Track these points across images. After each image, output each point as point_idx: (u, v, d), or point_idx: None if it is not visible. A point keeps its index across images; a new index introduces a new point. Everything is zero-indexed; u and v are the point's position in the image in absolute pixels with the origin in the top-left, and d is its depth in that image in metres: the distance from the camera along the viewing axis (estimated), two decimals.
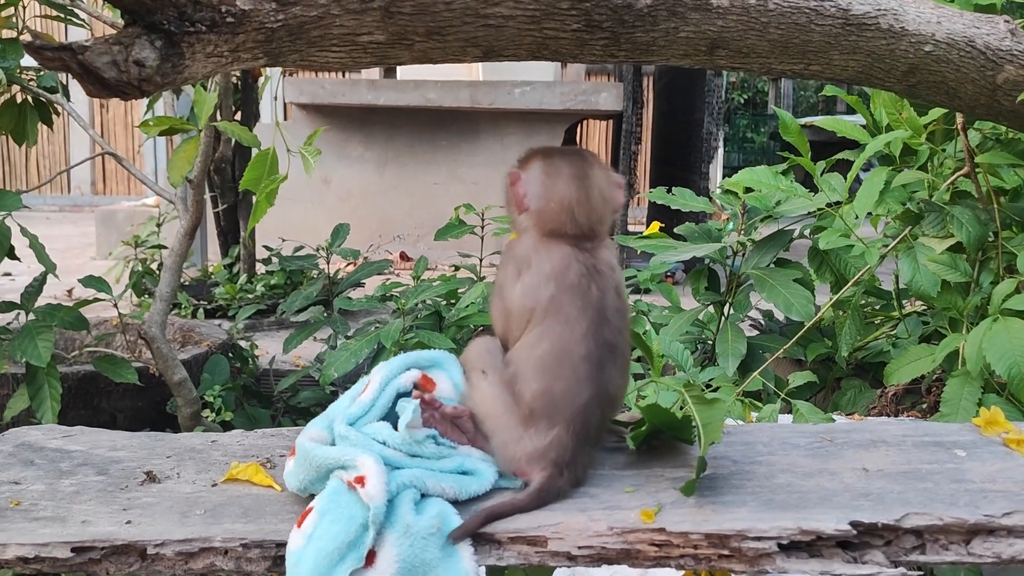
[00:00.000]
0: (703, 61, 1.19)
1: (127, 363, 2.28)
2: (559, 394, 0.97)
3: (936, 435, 1.12)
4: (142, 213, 6.22)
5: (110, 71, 0.87)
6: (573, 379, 0.97)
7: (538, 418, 0.96)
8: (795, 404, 1.50)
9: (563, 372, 0.97)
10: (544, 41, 1.07)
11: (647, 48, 1.13)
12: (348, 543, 0.86)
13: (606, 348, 0.99)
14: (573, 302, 0.98)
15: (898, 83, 1.28)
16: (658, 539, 0.90)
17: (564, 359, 0.97)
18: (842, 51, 1.22)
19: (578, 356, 0.97)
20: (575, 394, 0.97)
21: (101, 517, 0.94)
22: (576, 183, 1.03)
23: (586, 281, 0.99)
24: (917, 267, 1.47)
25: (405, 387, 1.03)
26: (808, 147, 1.66)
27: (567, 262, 1.00)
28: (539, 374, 0.97)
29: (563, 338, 0.97)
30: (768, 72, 1.25)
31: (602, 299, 1.00)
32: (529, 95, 5.63)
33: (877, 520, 0.90)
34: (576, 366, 0.97)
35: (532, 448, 0.96)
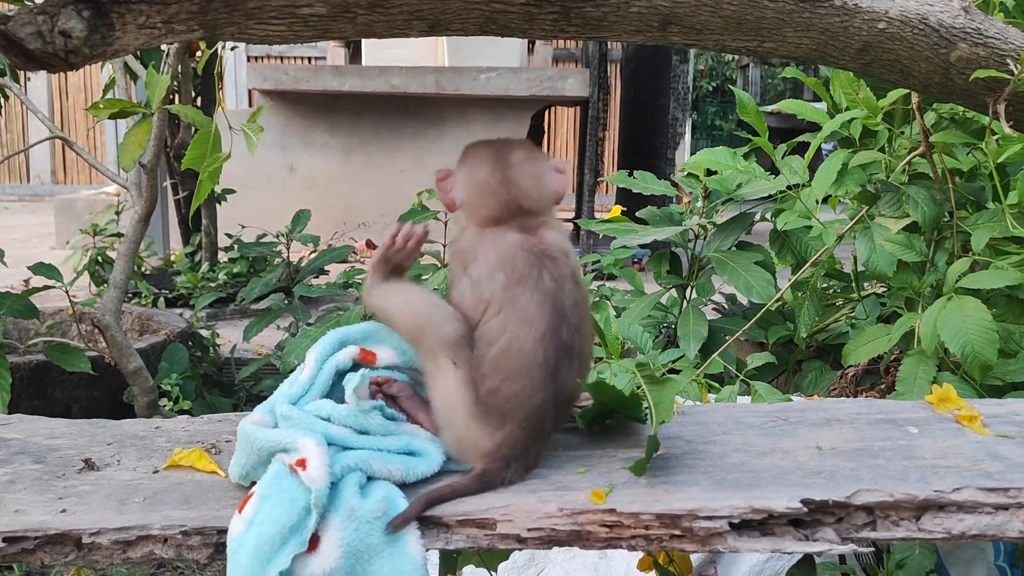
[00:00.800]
0: (656, 37, 1.18)
1: (80, 352, 2.23)
2: (512, 395, 0.94)
3: (890, 413, 1.12)
4: (102, 202, 6.10)
5: (34, 42, 0.83)
6: (527, 382, 0.94)
7: (491, 415, 0.94)
8: (754, 385, 1.50)
9: (518, 374, 0.94)
10: (492, 15, 1.05)
11: (598, 23, 1.11)
12: (290, 527, 0.84)
13: (563, 351, 0.96)
14: (529, 296, 0.95)
15: (852, 61, 1.28)
16: (608, 520, 0.89)
17: (519, 361, 0.94)
18: (796, 28, 1.21)
19: (534, 362, 0.94)
20: (527, 397, 0.94)
21: (35, 506, 0.91)
22: (493, 165, 1.02)
23: (536, 270, 0.96)
24: (873, 247, 1.47)
25: (344, 363, 1.01)
26: (766, 128, 1.66)
27: (512, 250, 0.97)
28: (493, 371, 0.94)
29: (520, 339, 0.94)
30: (722, 49, 1.24)
31: (558, 292, 0.96)
32: (495, 81, 5.59)
33: (828, 497, 0.90)
34: (531, 370, 0.94)
35: (483, 443, 0.94)
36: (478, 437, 0.94)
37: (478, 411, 0.94)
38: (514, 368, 0.94)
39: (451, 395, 0.95)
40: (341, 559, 0.84)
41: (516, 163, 1.03)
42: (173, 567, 2.26)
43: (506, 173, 1.02)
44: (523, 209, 1.01)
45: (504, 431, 0.94)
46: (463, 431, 0.95)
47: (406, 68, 5.73)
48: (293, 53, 9.10)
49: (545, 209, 1.04)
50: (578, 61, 8.69)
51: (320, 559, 0.84)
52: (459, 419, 0.95)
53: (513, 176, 1.02)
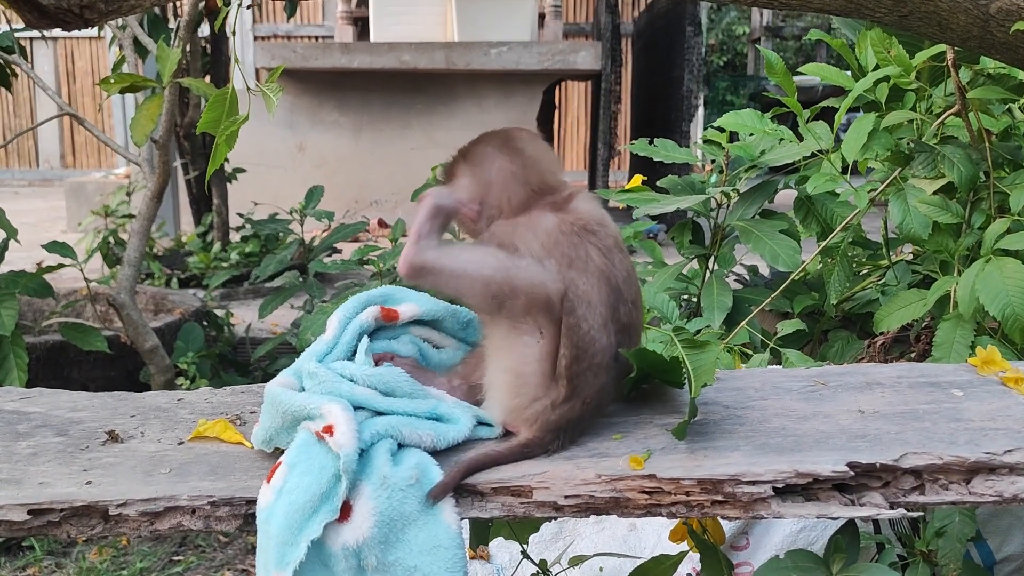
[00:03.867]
0: None
1: (96, 331, 2.21)
2: (580, 374, 0.91)
3: (932, 376, 1.08)
4: (112, 184, 6.09)
5: None
6: (594, 365, 0.92)
7: (558, 389, 0.91)
8: (784, 353, 1.47)
9: (584, 357, 0.91)
10: None
11: None
12: (320, 495, 0.82)
13: (623, 333, 0.94)
14: (585, 279, 0.92)
15: (888, 13, 1.23)
16: (648, 486, 0.86)
17: (585, 345, 0.91)
18: None
19: (599, 345, 0.91)
20: (594, 376, 0.92)
21: (60, 479, 0.88)
22: (506, 152, 0.97)
23: (583, 249, 0.92)
24: (907, 209, 1.43)
25: (368, 323, 0.99)
26: (795, 88, 1.61)
27: (553, 234, 0.93)
28: (566, 348, 0.90)
29: (587, 322, 0.91)
30: (754, 3, 1.19)
31: (610, 267, 0.93)
32: (506, 55, 5.53)
33: (875, 460, 0.87)
34: (596, 354, 0.91)
35: (543, 415, 0.90)
36: (541, 408, 0.90)
37: (549, 384, 0.91)
38: (581, 351, 0.91)
39: (527, 363, 0.91)
40: (375, 528, 0.81)
41: (525, 143, 1.00)
42: (194, 546, 2.25)
43: (523, 155, 0.98)
44: (550, 186, 0.98)
45: (567, 406, 0.91)
46: (527, 399, 0.91)
47: (415, 44, 5.67)
48: (300, 32, 9.03)
49: (563, 182, 1.01)
50: (588, 35, 8.60)
51: (353, 528, 0.81)
52: (528, 388, 0.91)
53: (531, 155, 0.98)
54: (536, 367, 0.91)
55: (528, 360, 0.92)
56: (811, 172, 1.95)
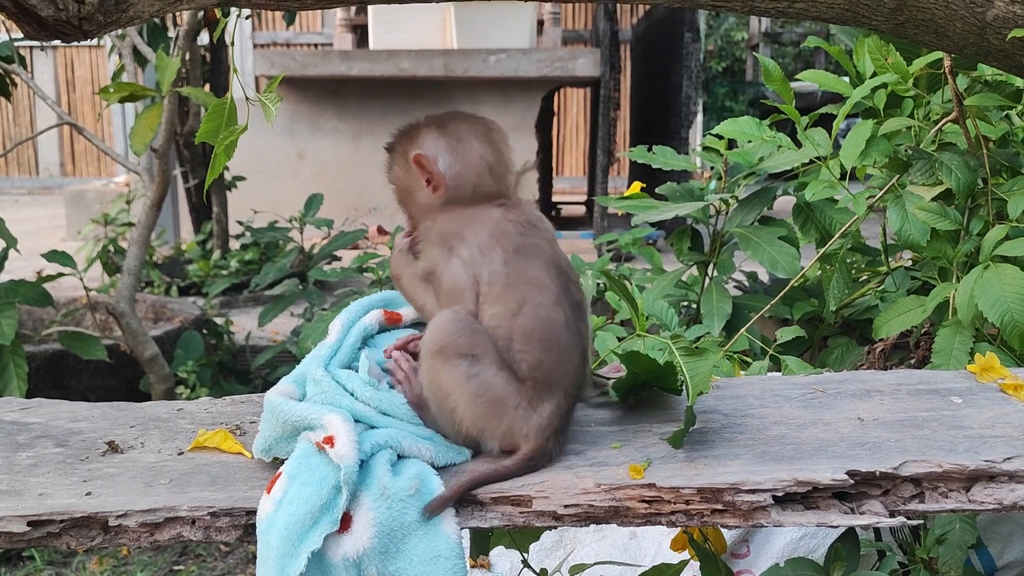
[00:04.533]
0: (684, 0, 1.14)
1: (96, 340, 2.21)
2: (554, 364, 0.91)
3: (931, 383, 1.08)
4: (112, 192, 6.09)
5: (47, 9, 0.80)
6: (562, 347, 0.92)
7: (540, 390, 0.90)
8: (783, 360, 1.47)
9: (552, 342, 0.91)
10: None
11: None
12: (320, 506, 0.82)
13: (576, 309, 0.95)
14: (535, 263, 0.93)
15: (885, 21, 1.23)
16: (648, 495, 0.86)
17: (549, 327, 0.92)
18: None
19: (560, 324, 0.92)
20: (566, 361, 0.92)
21: (59, 489, 0.88)
22: (487, 139, 0.98)
23: (531, 238, 0.95)
24: (906, 216, 1.43)
25: (371, 327, 0.99)
26: (792, 96, 1.62)
27: (502, 224, 0.94)
28: (530, 345, 0.91)
29: (543, 305, 0.92)
30: (751, 11, 1.20)
31: (555, 254, 0.96)
32: (504, 62, 5.54)
33: (875, 469, 0.87)
34: (560, 334, 0.92)
35: (534, 421, 0.90)
36: (527, 417, 0.90)
37: (523, 391, 0.90)
38: (546, 336, 0.91)
39: (497, 386, 0.90)
40: (375, 538, 0.81)
41: (502, 138, 1.00)
42: (195, 555, 2.25)
43: (500, 148, 0.99)
44: (506, 187, 0.99)
45: (552, 403, 0.90)
46: (512, 416, 0.90)
47: (414, 51, 5.68)
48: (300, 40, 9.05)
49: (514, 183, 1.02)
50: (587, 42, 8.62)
51: (353, 539, 0.81)
52: (509, 403, 0.90)
53: (505, 151, 0.99)
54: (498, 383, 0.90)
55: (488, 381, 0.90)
56: (810, 179, 1.96)
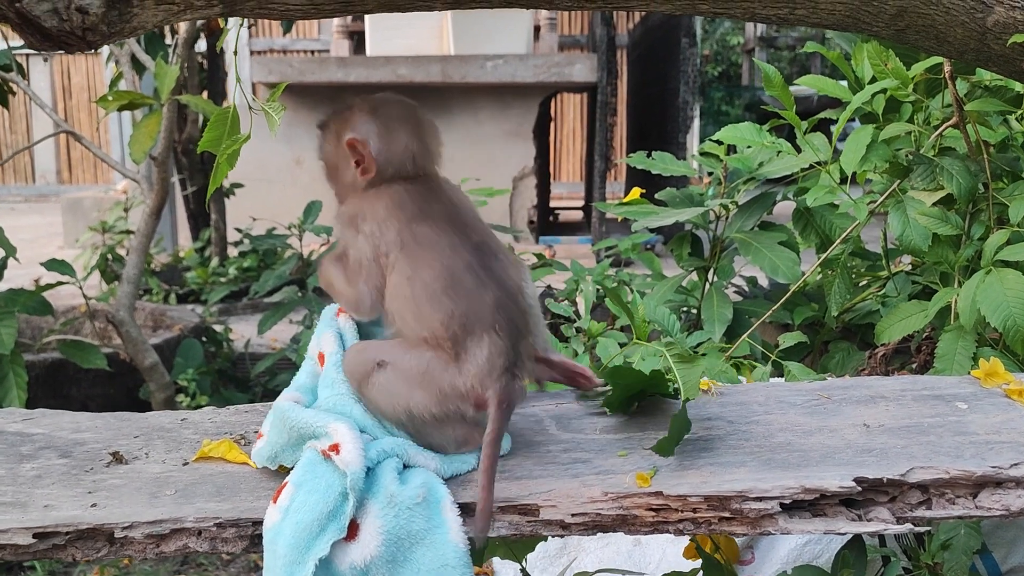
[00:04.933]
0: (685, 6, 1.14)
1: (95, 348, 2.20)
2: (464, 309, 0.91)
3: (936, 388, 1.08)
4: (110, 200, 6.09)
5: (51, 20, 0.80)
6: (468, 289, 0.92)
7: (462, 339, 0.90)
8: (786, 366, 1.47)
9: (453, 288, 0.91)
10: None
11: None
12: (327, 513, 0.81)
13: (480, 249, 0.95)
14: (427, 224, 0.95)
15: (886, 27, 1.23)
16: (655, 503, 0.86)
17: (446, 276, 0.92)
18: None
19: (460, 269, 0.92)
20: (479, 300, 0.91)
21: (65, 501, 0.88)
22: (414, 127, 0.99)
23: (426, 203, 0.96)
24: (907, 221, 1.43)
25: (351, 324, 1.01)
26: (793, 102, 1.62)
27: (398, 195, 0.97)
28: (435, 304, 0.91)
29: (437, 260, 0.93)
30: (751, 17, 1.20)
31: (452, 209, 0.97)
32: (502, 68, 5.55)
33: (882, 475, 0.87)
34: (462, 278, 0.92)
35: (478, 366, 0.89)
36: (467, 365, 0.89)
37: (449, 348, 0.90)
38: (446, 284, 0.91)
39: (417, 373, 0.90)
40: (382, 547, 0.81)
41: (429, 125, 1.02)
42: (196, 564, 2.24)
43: (425, 135, 1.00)
44: (425, 170, 1.00)
45: (482, 345, 0.89)
46: (448, 377, 0.89)
47: (412, 57, 5.68)
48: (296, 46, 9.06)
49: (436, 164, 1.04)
50: (583, 47, 8.64)
51: (360, 547, 0.81)
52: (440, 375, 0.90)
53: (429, 138, 1.01)
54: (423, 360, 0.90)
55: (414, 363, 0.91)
56: (809, 184, 1.96)
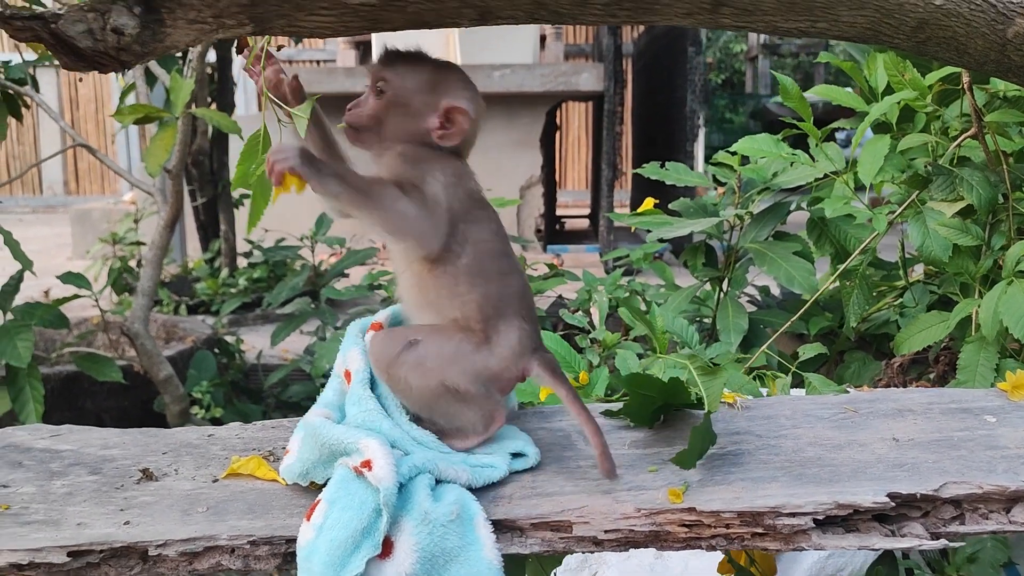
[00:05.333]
0: (706, 20, 1.14)
1: (111, 361, 2.21)
2: (499, 293, 0.96)
3: (962, 401, 1.08)
4: (118, 211, 6.10)
5: (85, 40, 0.81)
6: (503, 274, 0.97)
7: (494, 321, 0.95)
8: (807, 377, 1.46)
9: (491, 272, 0.97)
10: (543, 1, 1.02)
11: (649, 6, 1.08)
12: (361, 530, 0.81)
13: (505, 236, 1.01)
14: (480, 208, 0.98)
15: (907, 39, 1.24)
16: (688, 519, 0.86)
17: (489, 261, 0.97)
18: (850, 6, 1.17)
19: (498, 253, 0.98)
20: (511, 284, 0.98)
21: (97, 518, 0.88)
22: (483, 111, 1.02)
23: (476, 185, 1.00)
24: (927, 232, 1.43)
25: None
26: (810, 112, 1.62)
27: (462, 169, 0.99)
28: (475, 282, 0.95)
29: (484, 240, 0.97)
30: (772, 31, 1.20)
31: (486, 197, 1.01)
32: (509, 78, 5.56)
33: (915, 491, 0.87)
34: (500, 262, 0.98)
35: (510, 348, 0.94)
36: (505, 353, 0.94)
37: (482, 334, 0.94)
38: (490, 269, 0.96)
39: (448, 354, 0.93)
40: (417, 564, 0.81)
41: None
42: None
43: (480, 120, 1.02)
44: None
45: (513, 327, 0.95)
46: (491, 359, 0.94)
47: None
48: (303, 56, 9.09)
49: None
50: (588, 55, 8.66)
51: (395, 564, 0.81)
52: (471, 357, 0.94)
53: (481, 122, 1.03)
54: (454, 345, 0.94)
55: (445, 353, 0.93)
56: (823, 193, 1.96)
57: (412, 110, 0.99)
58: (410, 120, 0.99)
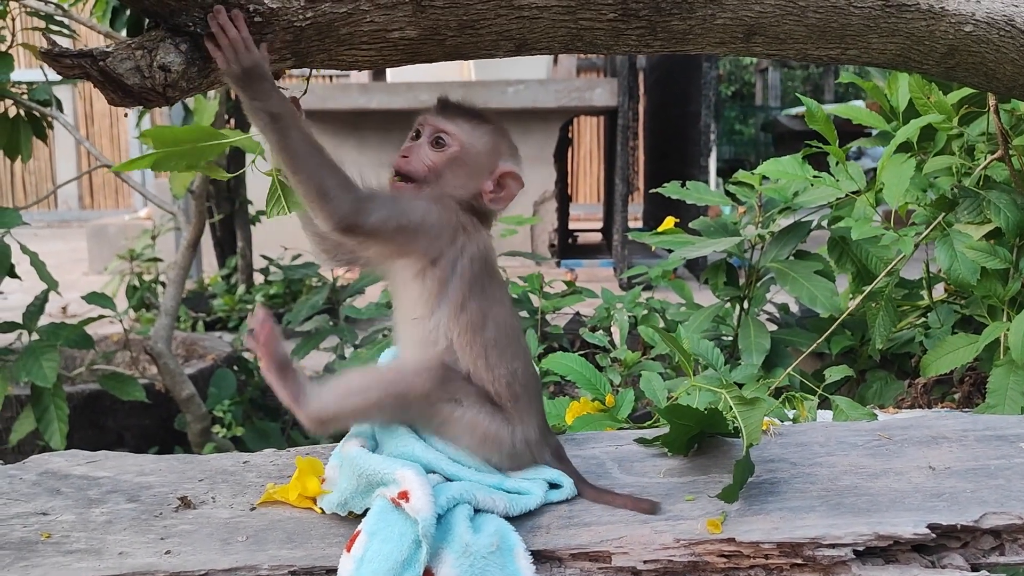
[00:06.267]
0: (738, 48, 1.15)
1: (134, 380, 2.22)
2: (523, 372, 0.98)
3: (997, 428, 1.08)
4: (134, 227, 6.15)
5: (133, 77, 0.82)
6: (523, 353, 0.99)
7: (521, 400, 0.97)
8: (834, 400, 1.46)
9: (517, 350, 0.98)
10: (579, 32, 1.03)
11: (683, 36, 1.09)
12: (402, 562, 0.82)
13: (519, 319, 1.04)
14: (496, 280, 1.00)
15: (936, 65, 1.24)
16: (727, 550, 0.86)
17: (511, 336, 0.98)
18: (881, 34, 1.18)
19: (517, 330, 1.00)
20: (529, 366, 1.00)
21: (138, 547, 0.89)
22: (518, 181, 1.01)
23: (495, 259, 1.01)
24: (955, 254, 1.43)
25: None
26: (835, 135, 1.62)
27: (488, 242, 1.00)
28: (500, 358, 0.96)
29: (504, 316, 0.98)
30: (804, 58, 1.21)
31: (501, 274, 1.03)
32: (523, 94, 5.58)
33: (956, 522, 0.86)
34: (519, 339, 1.00)
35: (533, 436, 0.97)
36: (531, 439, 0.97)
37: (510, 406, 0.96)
38: (511, 345, 0.98)
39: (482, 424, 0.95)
40: None
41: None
42: None
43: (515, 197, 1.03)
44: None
45: (535, 413, 0.98)
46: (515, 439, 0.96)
47: (433, 83, 5.73)
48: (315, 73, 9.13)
49: None
50: (600, 71, 8.69)
51: None
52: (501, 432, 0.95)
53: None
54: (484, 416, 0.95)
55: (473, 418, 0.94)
56: (844, 212, 1.96)
57: (472, 170, 0.98)
58: (468, 179, 0.98)
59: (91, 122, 10.72)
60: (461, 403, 0.94)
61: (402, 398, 0.93)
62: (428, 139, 0.98)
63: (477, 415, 0.94)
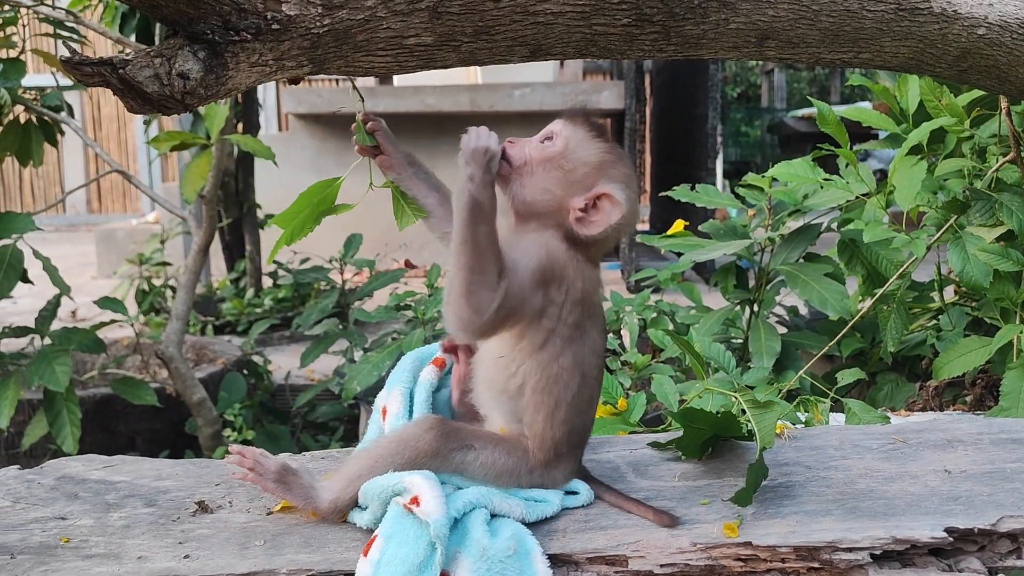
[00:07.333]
0: (751, 53, 1.15)
1: (145, 385, 2.23)
2: (579, 429, 0.97)
3: (1012, 431, 1.08)
4: (143, 231, 6.17)
5: (152, 85, 0.83)
6: (590, 406, 0.97)
7: (565, 453, 0.96)
8: (846, 403, 1.46)
9: (587, 405, 0.96)
10: (593, 38, 1.03)
11: (696, 41, 1.09)
12: (418, 564, 0.82)
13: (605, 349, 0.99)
14: (596, 324, 0.96)
15: (949, 68, 1.24)
16: (743, 553, 0.86)
17: (591, 390, 0.96)
18: (894, 37, 1.18)
19: (595, 379, 0.97)
20: (589, 423, 0.98)
21: (157, 552, 0.89)
22: (635, 214, 0.98)
23: (599, 300, 0.97)
24: (967, 257, 1.43)
25: (432, 383, 1.04)
26: (847, 139, 1.63)
27: (595, 286, 0.96)
28: (567, 414, 0.94)
29: (593, 365, 0.96)
30: (816, 62, 1.21)
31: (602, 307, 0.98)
32: (529, 97, 5.59)
33: (973, 525, 0.86)
34: (594, 391, 0.97)
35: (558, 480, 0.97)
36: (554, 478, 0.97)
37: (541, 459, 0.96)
38: (584, 400, 0.96)
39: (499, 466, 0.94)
40: None
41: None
42: None
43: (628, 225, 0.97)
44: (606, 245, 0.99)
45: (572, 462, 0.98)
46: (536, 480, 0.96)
47: (440, 87, 5.74)
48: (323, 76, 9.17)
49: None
50: (606, 73, 8.69)
51: None
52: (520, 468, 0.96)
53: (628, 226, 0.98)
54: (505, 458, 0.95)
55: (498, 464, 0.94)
56: (853, 214, 1.96)
57: (565, 177, 0.94)
58: (557, 186, 0.94)
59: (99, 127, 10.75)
60: (473, 447, 0.93)
61: (413, 462, 0.92)
62: (542, 136, 0.98)
63: (492, 454, 0.94)
